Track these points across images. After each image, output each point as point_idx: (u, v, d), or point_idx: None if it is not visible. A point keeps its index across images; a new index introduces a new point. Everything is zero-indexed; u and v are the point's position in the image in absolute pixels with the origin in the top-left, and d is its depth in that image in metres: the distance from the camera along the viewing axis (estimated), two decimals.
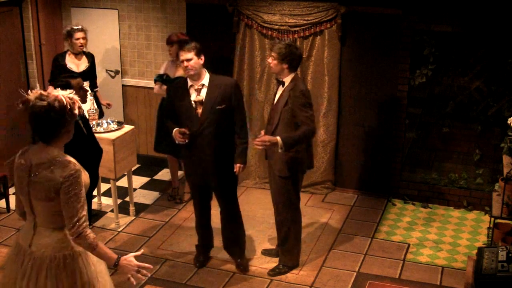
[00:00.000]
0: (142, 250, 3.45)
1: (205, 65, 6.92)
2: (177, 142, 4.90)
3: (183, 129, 4.83)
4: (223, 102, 4.83)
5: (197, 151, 4.92)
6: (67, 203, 3.11)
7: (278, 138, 4.76)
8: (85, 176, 3.25)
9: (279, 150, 4.79)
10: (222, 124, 4.88)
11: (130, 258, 3.23)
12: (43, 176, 3.14)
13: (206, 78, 4.89)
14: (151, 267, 3.31)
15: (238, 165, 4.97)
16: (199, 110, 4.85)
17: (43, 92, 3.14)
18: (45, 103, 3.10)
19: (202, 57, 4.86)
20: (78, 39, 6.49)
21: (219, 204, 5.22)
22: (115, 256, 3.21)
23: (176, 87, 5.03)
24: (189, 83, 4.89)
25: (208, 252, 5.46)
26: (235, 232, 5.28)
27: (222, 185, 5.08)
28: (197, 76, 4.84)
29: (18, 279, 3.29)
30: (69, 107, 3.14)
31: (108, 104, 6.87)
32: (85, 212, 3.15)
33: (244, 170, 5.12)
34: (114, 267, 3.22)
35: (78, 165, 3.18)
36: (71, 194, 3.10)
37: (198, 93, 4.85)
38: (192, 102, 4.86)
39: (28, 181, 3.20)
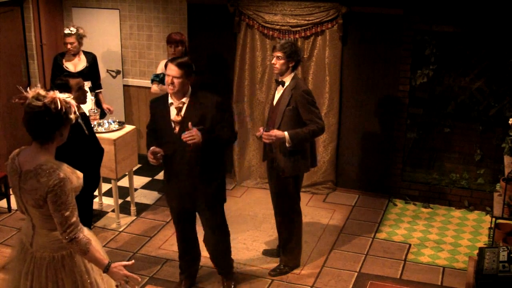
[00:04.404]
0: (133, 261, 3.47)
1: (206, 66, 6.91)
2: (150, 162, 4.47)
3: (157, 149, 4.40)
4: (201, 123, 4.34)
5: (176, 173, 4.53)
6: (55, 211, 3.11)
7: (286, 133, 4.77)
8: (76, 178, 3.22)
9: (287, 145, 4.80)
10: (202, 146, 4.35)
11: (120, 267, 3.26)
12: (30, 185, 3.13)
13: (187, 96, 4.43)
14: (139, 279, 3.34)
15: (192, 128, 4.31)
16: (177, 130, 4.43)
17: (41, 92, 3.10)
18: (40, 103, 3.07)
19: (191, 78, 4.42)
20: (66, 43, 6.46)
21: (203, 229, 4.85)
22: (106, 262, 3.25)
23: (157, 103, 4.60)
24: (170, 100, 4.46)
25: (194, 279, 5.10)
26: (220, 259, 4.95)
27: (204, 210, 4.68)
28: (179, 94, 4.40)
29: (22, 279, 3.32)
30: (64, 110, 3.10)
31: (109, 109, 6.81)
32: (75, 218, 3.14)
33: (194, 141, 4.28)
34: (104, 273, 3.26)
35: (63, 173, 3.12)
36: (58, 203, 3.09)
37: (178, 111, 4.42)
38: (171, 121, 4.44)
39: (19, 187, 3.21)
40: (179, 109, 4.41)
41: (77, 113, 3.21)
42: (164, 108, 4.48)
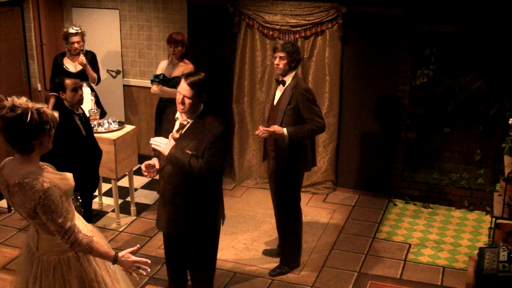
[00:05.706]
0: (138, 246, 3.43)
1: (206, 66, 6.87)
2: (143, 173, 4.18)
3: (152, 163, 4.12)
4: (195, 149, 3.98)
5: (165, 192, 4.18)
6: (48, 221, 3.10)
7: (284, 129, 4.80)
8: (65, 181, 3.20)
9: (285, 141, 4.82)
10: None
11: (127, 255, 3.29)
12: (18, 199, 3.12)
13: (196, 115, 4.05)
14: (149, 261, 3.35)
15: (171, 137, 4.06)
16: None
17: (15, 102, 3.04)
18: (14, 114, 3.02)
19: (203, 96, 4.07)
20: (73, 43, 6.42)
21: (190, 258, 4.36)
22: (112, 254, 3.26)
23: (173, 112, 4.21)
24: (177, 114, 4.12)
25: None
26: None
27: (192, 237, 4.20)
28: (189, 113, 4.04)
29: (30, 282, 3.33)
30: (39, 120, 3.03)
31: (82, 61, 6.39)
32: (69, 223, 3.13)
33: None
34: (114, 264, 3.28)
35: (47, 181, 3.07)
36: (48, 213, 3.07)
37: (179, 128, 4.08)
38: (170, 136, 4.10)
39: (9, 200, 3.20)
40: (181, 127, 4.08)
41: (54, 124, 3.12)
42: (172, 119, 4.18)
